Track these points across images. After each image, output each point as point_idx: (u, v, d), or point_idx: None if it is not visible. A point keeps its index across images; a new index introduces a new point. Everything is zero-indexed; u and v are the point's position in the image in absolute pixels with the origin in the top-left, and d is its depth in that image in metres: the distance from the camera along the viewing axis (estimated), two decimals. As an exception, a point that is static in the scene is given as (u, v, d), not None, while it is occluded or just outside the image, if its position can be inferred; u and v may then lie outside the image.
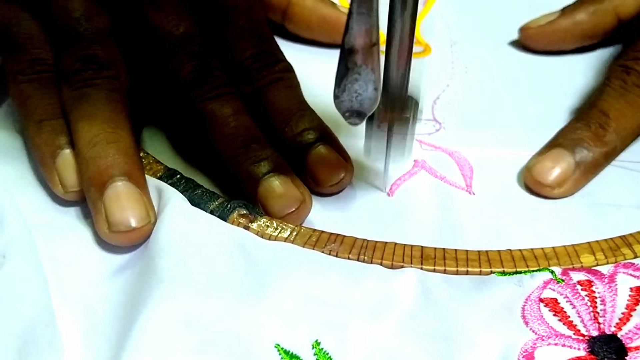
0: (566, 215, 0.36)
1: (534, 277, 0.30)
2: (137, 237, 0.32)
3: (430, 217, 0.36)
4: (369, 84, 0.29)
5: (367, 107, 0.30)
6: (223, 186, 0.36)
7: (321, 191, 0.36)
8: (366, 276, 0.30)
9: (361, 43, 0.28)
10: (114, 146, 0.33)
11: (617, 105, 0.37)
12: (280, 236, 0.32)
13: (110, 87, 0.35)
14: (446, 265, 0.31)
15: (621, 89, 0.38)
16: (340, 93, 0.29)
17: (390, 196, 0.37)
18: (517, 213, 0.36)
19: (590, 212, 0.36)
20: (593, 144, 0.36)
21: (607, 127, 0.37)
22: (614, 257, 0.32)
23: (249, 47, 0.38)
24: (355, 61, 0.28)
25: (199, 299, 0.28)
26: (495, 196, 0.37)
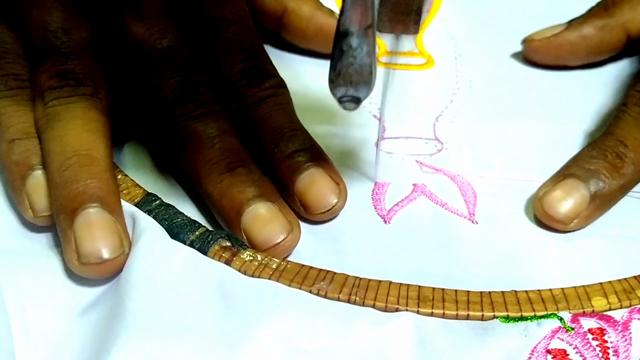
0: (577, 249, 0.33)
1: (540, 324, 0.27)
2: (110, 269, 0.29)
3: (429, 249, 0.33)
4: (364, 68, 0.28)
5: (363, 92, 0.29)
6: (207, 211, 0.34)
7: (311, 218, 0.33)
8: (357, 322, 0.27)
9: (356, 26, 0.27)
10: (88, 170, 0.30)
11: (636, 134, 0.34)
12: (264, 272, 0.29)
13: (87, 105, 0.33)
14: (445, 309, 0.28)
15: (639, 115, 0.35)
16: (335, 77, 0.28)
17: (387, 224, 0.34)
18: (524, 246, 0.33)
19: (603, 246, 0.33)
20: (610, 175, 0.33)
21: (625, 157, 0.34)
22: (629, 300, 0.29)
23: (237, 62, 0.36)
24: (350, 44, 0.27)
25: (169, 350, 0.25)
26: (500, 226, 0.34)
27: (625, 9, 0.42)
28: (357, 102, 0.29)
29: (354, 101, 0.29)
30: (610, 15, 0.43)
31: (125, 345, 0.25)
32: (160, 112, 0.34)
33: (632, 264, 0.32)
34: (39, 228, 0.32)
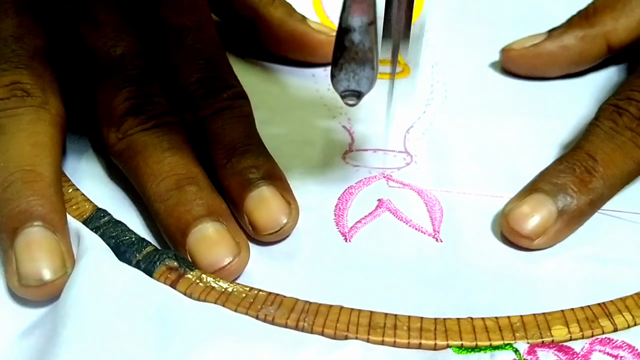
0: (544, 271, 0.32)
1: (494, 356, 0.26)
2: (51, 291, 0.28)
3: (390, 269, 0.32)
4: (366, 63, 0.28)
5: (365, 87, 0.29)
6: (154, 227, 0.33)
7: (259, 239, 0.32)
8: (303, 350, 0.26)
9: (358, 22, 0.27)
10: (30, 186, 0.29)
11: (606, 149, 0.33)
12: (211, 295, 0.28)
13: (34, 118, 0.31)
14: (396, 337, 0.27)
15: (611, 130, 0.34)
16: (337, 72, 0.28)
17: (347, 242, 0.33)
18: (488, 267, 0.32)
19: (572, 268, 0.32)
20: (578, 190, 0.32)
21: (594, 172, 0.32)
22: (591, 329, 0.28)
23: (194, 71, 0.34)
24: (352, 40, 0.27)
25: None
26: (465, 245, 0.33)
27: (607, 19, 0.41)
28: (358, 96, 0.29)
29: (355, 96, 0.29)
30: (591, 25, 0.41)
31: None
32: (110, 124, 0.33)
33: (600, 288, 0.30)
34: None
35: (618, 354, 0.27)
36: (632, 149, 0.33)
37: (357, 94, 0.29)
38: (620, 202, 0.35)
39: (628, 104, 0.34)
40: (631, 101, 0.34)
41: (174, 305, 0.27)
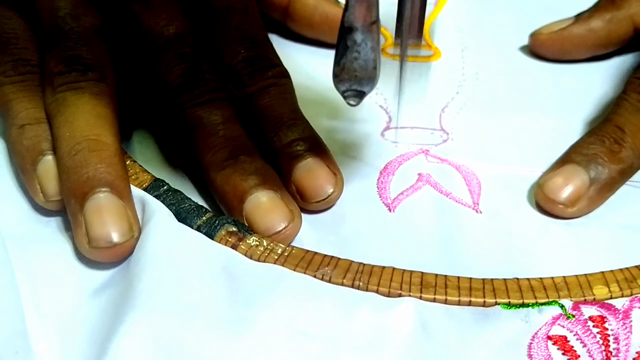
0: (580, 238, 0.33)
1: (542, 311, 0.28)
2: (119, 253, 0.30)
3: (433, 237, 0.33)
4: (369, 63, 0.28)
5: (367, 87, 0.29)
6: (211, 200, 0.34)
7: (307, 207, 0.33)
8: (360, 307, 0.28)
9: (361, 21, 0.27)
10: (97, 155, 0.31)
11: (634, 120, 0.35)
12: (270, 257, 0.30)
13: (95, 91, 0.33)
14: (447, 295, 0.29)
15: (638, 102, 0.35)
16: (339, 72, 0.28)
17: (391, 212, 0.35)
18: (527, 235, 0.33)
19: (606, 235, 0.34)
20: (608, 160, 0.34)
21: (623, 142, 0.34)
22: (630, 289, 0.29)
23: (241, 50, 0.36)
24: (355, 39, 0.27)
25: (176, 328, 0.26)
26: (504, 216, 0.34)
27: (633, 2, 0.42)
28: (361, 96, 0.29)
29: (357, 95, 0.29)
30: (618, 8, 0.43)
31: (132, 323, 0.26)
32: (165, 99, 0.34)
33: (634, 254, 0.32)
34: (49, 212, 0.33)
35: (657, 311, 0.28)
36: None
37: (359, 94, 0.29)
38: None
39: None
40: None
41: (237, 264, 0.29)
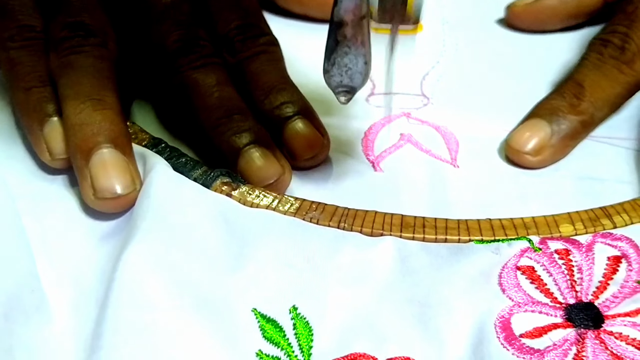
0: (549, 187, 0.36)
1: (511, 245, 0.30)
2: (123, 204, 0.32)
3: (414, 189, 0.36)
4: (359, 57, 0.28)
5: (358, 82, 0.29)
6: (206, 157, 0.37)
7: (297, 165, 0.36)
8: (345, 244, 0.30)
9: (350, 16, 0.27)
10: (101, 113, 0.33)
11: (592, 76, 0.38)
12: (262, 204, 0.32)
13: (98, 55, 0.35)
14: (425, 234, 0.31)
15: (598, 61, 0.38)
16: (330, 67, 0.29)
17: (374, 167, 0.37)
18: (500, 185, 0.36)
19: (574, 185, 0.36)
20: (568, 112, 0.37)
21: (582, 97, 0.37)
22: (593, 227, 0.32)
23: (234, 19, 0.38)
24: (345, 34, 0.28)
25: (177, 258, 0.28)
26: (479, 169, 0.37)
27: None
28: (352, 92, 0.30)
29: (349, 91, 0.30)
30: None
31: (135, 246, 0.28)
32: (163, 63, 0.37)
33: (597, 200, 0.34)
34: (55, 170, 0.35)
35: (617, 245, 0.31)
36: (616, 74, 0.37)
37: (349, 89, 0.29)
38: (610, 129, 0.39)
39: (612, 36, 0.38)
40: (615, 33, 0.38)
41: (232, 209, 0.31)
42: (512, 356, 0.27)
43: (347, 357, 0.28)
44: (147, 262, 0.28)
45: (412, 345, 0.28)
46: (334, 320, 0.28)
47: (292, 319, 0.28)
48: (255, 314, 0.28)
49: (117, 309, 0.27)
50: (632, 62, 0.38)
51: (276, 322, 0.28)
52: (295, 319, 0.28)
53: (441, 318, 0.28)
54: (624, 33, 0.38)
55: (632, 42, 0.38)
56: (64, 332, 0.29)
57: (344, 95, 0.30)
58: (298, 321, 0.28)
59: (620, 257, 0.30)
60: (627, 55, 0.38)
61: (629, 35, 0.38)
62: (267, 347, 0.27)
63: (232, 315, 0.27)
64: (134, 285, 0.27)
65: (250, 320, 0.28)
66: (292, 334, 0.28)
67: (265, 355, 0.27)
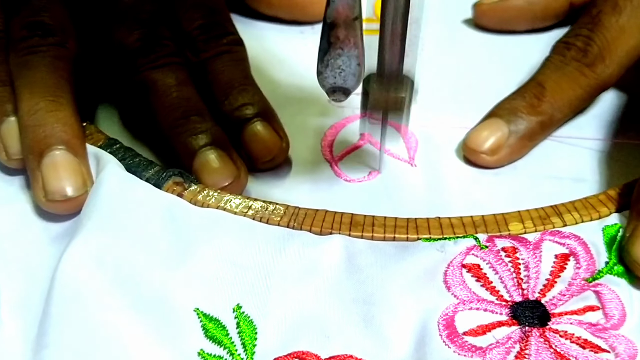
0: (505, 186, 0.36)
1: (457, 243, 0.30)
2: (74, 205, 0.32)
3: (369, 188, 0.36)
4: (352, 59, 0.28)
5: (351, 83, 0.29)
6: (165, 158, 0.37)
7: (255, 167, 0.36)
8: (292, 243, 0.30)
9: (343, 17, 0.27)
10: (54, 115, 0.33)
11: (554, 77, 0.38)
12: (212, 203, 0.32)
13: (55, 55, 0.35)
14: (374, 232, 0.31)
15: (560, 62, 0.38)
16: (323, 69, 0.29)
17: (333, 167, 0.37)
18: (456, 184, 0.36)
19: (530, 183, 0.36)
20: (527, 112, 0.37)
21: (542, 97, 0.37)
22: (543, 225, 0.32)
23: (198, 18, 0.38)
24: (338, 35, 0.28)
25: (121, 253, 0.28)
26: (436, 168, 0.37)
27: None
28: (346, 93, 0.29)
29: (343, 93, 0.29)
30: None
31: (78, 244, 0.28)
32: (124, 62, 0.37)
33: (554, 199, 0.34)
34: (13, 172, 0.35)
35: (565, 242, 0.31)
36: (578, 76, 0.37)
37: (343, 91, 0.29)
38: (572, 130, 0.39)
39: (575, 39, 0.38)
40: (578, 36, 0.38)
41: (181, 208, 0.31)
42: (453, 354, 0.27)
43: (290, 355, 0.28)
44: (90, 259, 0.28)
45: (355, 343, 0.28)
46: (278, 319, 0.28)
47: (236, 318, 0.28)
48: (197, 313, 0.28)
49: (59, 306, 0.27)
50: (594, 65, 0.38)
51: (219, 321, 0.28)
52: (239, 318, 0.28)
53: (385, 316, 0.28)
54: (586, 36, 0.38)
55: (594, 44, 0.38)
56: (13, 332, 0.29)
57: (337, 96, 0.30)
58: (242, 320, 0.28)
59: (568, 254, 0.31)
60: (589, 58, 0.38)
61: (591, 38, 0.38)
62: (209, 346, 0.27)
63: (174, 314, 0.27)
64: (76, 283, 0.27)
65: (193, 319, 0.28)
66: (235, 332, 0.28)
67: (207, 355, 0.27)
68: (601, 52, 0.37)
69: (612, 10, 0.38)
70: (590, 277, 0.30)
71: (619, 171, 0.37)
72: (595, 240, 0.31)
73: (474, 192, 0.36)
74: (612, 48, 0.37)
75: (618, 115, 0.41)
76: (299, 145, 0.38)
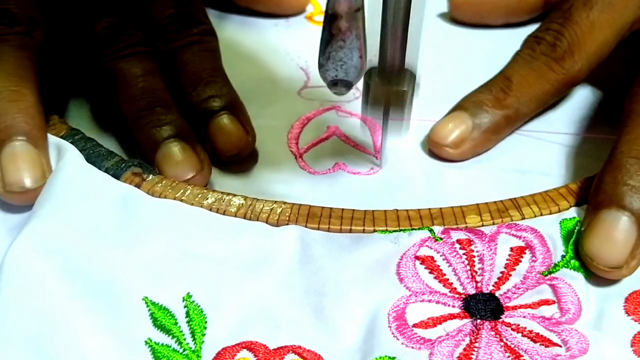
0: (470, 179, 0.36)
1: (411, 235, 0.30)
2: (32, 197, 0.32)
3: (333, 180, 0.36)
4: (354, 51, 0.28)
5: (353, 75, 0.29)
6: (130, 149, 0.37)
7: (220, 160, 0.36)
8: (247, 233, 0.30)
9: (345, 8, 0.27)
10: (15, 105, 0.33)
11: (522, 72, 0.37)
12: (169, 195, 0.32)
13: (20, 44, 0.35)
14: (330, 224, 0.31)
15: (528, 57, 0.38)
16: (324, 61, 0.28)
17: (297, 160, 0.37)
18: (419, 177, 0.36)
19: (495, 176, 0.36)
20: (492, 106, 0.36)
21: (509, 91, 0.37)
22: (501, 218, 0.32)
23: (169, 7, 0.38)
24: (339, 27, 0.27)
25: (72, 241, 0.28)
26: (400, 161, 0.37)
27: None
28: (348, 86, 0.29)
29: (344, 85, 0.29)
30: None
31: (28, 231, 0.28)
32: (91, 51, 0.37)
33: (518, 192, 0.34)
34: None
35: (521, 235, 0.31)
36: (546, 71, 0.37)
37: (345, 84, 0.29)
38: (541, 124, 0.39)
39: (545, 33, 0.38)
40: (548, 30, 0.38)
41: (136, 198, 0.31)
42: (401, 345, 0.27)
43: (238, 344, 0.28)
44: (40, 247, 0.28)
45: (305, 334, 0.28)
46: (229, 308, 0.28)
47: (186, 307, 0.28)
48: (146, 302, 0.28)
49: (6, 293, 0.27)
50: (563, 59, 0.37)
51: (168, 309, 0.28)
52: (189, 307, 0.28)
53: (336, 307, 0.28)
54: (557, 30, 0.38)
55: (564, 39, 0.37)
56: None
57: (339, 89, 0.29)
58: (191, 309, 0.28)
59: (524, 247, 0.30)
60: (558, 53, 0.37)
61: (561, 32, 0.38)
62: (157, 334, 0.27)
63: (122, 302, 0.27)
64: (24, 271, 0.27)
65: (141, 308, 0.28)
66: (184, 321, 0.28)
67: (154, 343, 0.27)
68: (570, 47, 0.37)
69: (583, 5, 0.37)
70: (546, 270, 0.30)
71: (584, 165, 0.36)
72: (552, 233, 0.31)
73: (436, 185, 0.35)
74: (581, 43, 0.37)
75: (587, 110, 0.41)
76: (266, 138, 0.38)
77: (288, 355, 0.27)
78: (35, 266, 0.27)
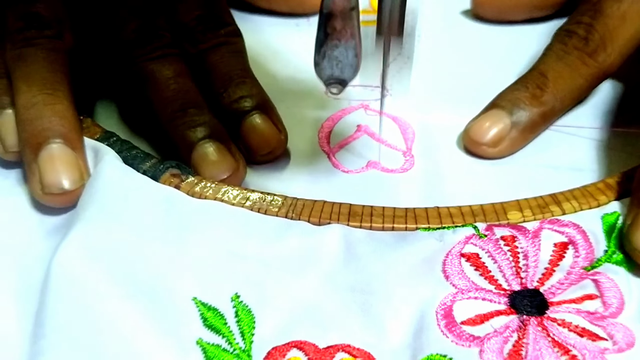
0: (504, 176, 0.36)
1: (456, 232, 0.30)
2: (71, 199, 0.32)
3: (367, 179, 0.36)
4: (350, 50, 0.28)
5: (348, 74, 0.29)
6: (164, 150, 0.37)
7: (253, 159, 0.36)
8: (291, 232, 0.30)
9: (340, 6, 0.27)
10: (51, 108, 0.33)
11: (556, 67, 0.37)
12: (209, 195, 0.32)
13: (51, 47, 0.35)
14: (372, 222, 0.31)
15: (561, 52, 0.38)
16: (320, 60, 0.28)
17: (329, 159, 0.37)
18: (454, 174, 0.36)
19: (528, 173, 0.36)
20: (530, 103, 0.36)
21: (545, 87, 0.37)
22: (542, 214, 0.32)
23: (195, 8, 0.38)
24: (335, 26, 0.27)
25: (119, 244, 0.28)
26: (433, 158, 0.37)
27: None
28: (343, 84, 0.29)
29: (340, 84, 0.29)
30: None
31: (74, 235, 0.28)
32: (120, 54, 0.36)
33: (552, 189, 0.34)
34: (10, 164, 0.35)
35: (564, 231, 0.31)
36: (579, 65, 0.37)
37: (340, 82, 0.29)
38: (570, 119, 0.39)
39: (577, 27, 0.38)
40: (579, 24, 0.38)
41: (178, 200, 0.31)
42: (451, 343, 0.27)
43: (288, 344, 0.28)
44: (86, 250, 0.28)
45: (353, 333, 0.28)
46: (276, 308, 0.28)
47: (234, 307, 0.28)
48: (195, 302, 0.28)
49: (55, 297, 0.27)
50: (596, 53, 0.37)
51: (217, 310, 0.28)
52: (237, 307, 0.28)
53: (383, 305, 0.28)
54: (588, 24, 0.38)
55: (595, 33, 0.38)
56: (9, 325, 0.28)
57: (334, 87, 0.29)
58: (240, 309, 0.28)
59: (567, 243, 0.30)
60: (591, 47, 0.37)
61: (592, 26, 0.38)
62: (208, 334, 0.27)
63: (172, 303, 0.27)
64: (71, 274, 0.27)
65: (191, 308, 0.28)
66: (233, 321, 0.28)
67: (205, 343, 0.27)
68: (603, 41, 0.37)
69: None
70: (589, 265, 0.30)
71: (616, 160, 0.37)
72: (594, 228, 0.31)
73: (471, 182, 0.36)
74: (613, 36, 0.37)
75: (616, 104, 0.41)
76: (296, 137, 0.38)
77: (338, 354, 0.27)
78: (83, 270, 0.27)
